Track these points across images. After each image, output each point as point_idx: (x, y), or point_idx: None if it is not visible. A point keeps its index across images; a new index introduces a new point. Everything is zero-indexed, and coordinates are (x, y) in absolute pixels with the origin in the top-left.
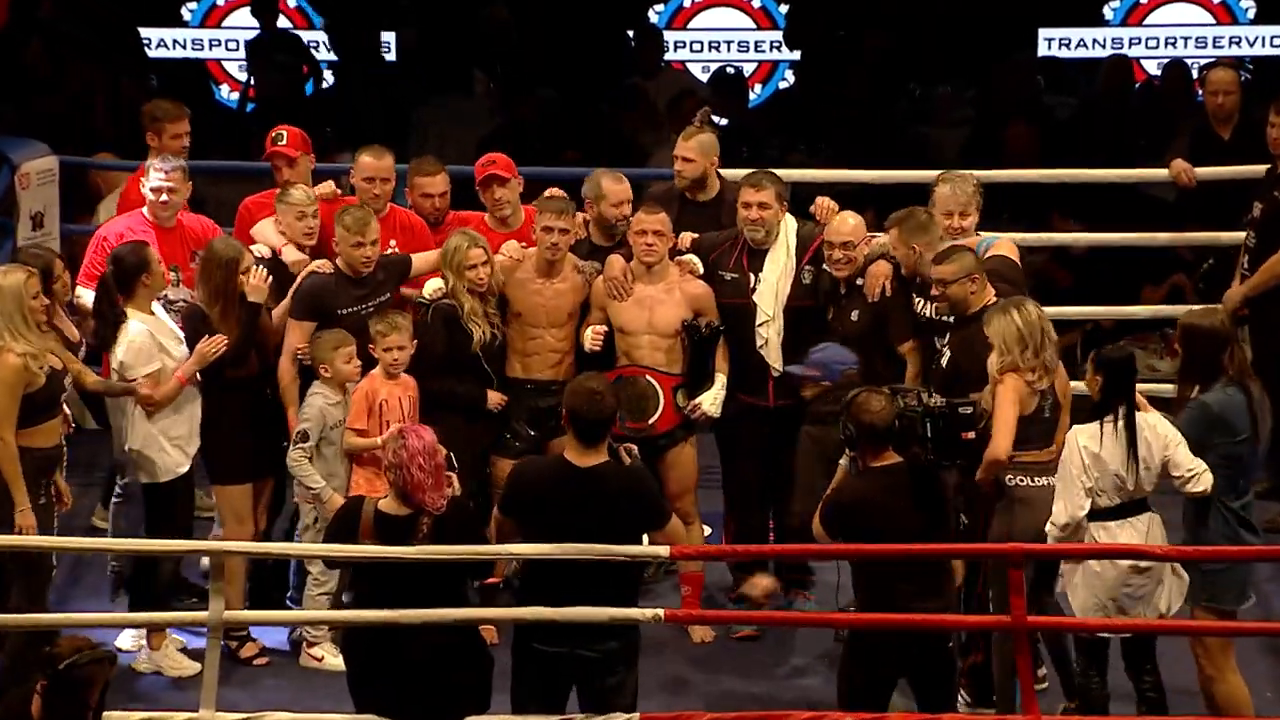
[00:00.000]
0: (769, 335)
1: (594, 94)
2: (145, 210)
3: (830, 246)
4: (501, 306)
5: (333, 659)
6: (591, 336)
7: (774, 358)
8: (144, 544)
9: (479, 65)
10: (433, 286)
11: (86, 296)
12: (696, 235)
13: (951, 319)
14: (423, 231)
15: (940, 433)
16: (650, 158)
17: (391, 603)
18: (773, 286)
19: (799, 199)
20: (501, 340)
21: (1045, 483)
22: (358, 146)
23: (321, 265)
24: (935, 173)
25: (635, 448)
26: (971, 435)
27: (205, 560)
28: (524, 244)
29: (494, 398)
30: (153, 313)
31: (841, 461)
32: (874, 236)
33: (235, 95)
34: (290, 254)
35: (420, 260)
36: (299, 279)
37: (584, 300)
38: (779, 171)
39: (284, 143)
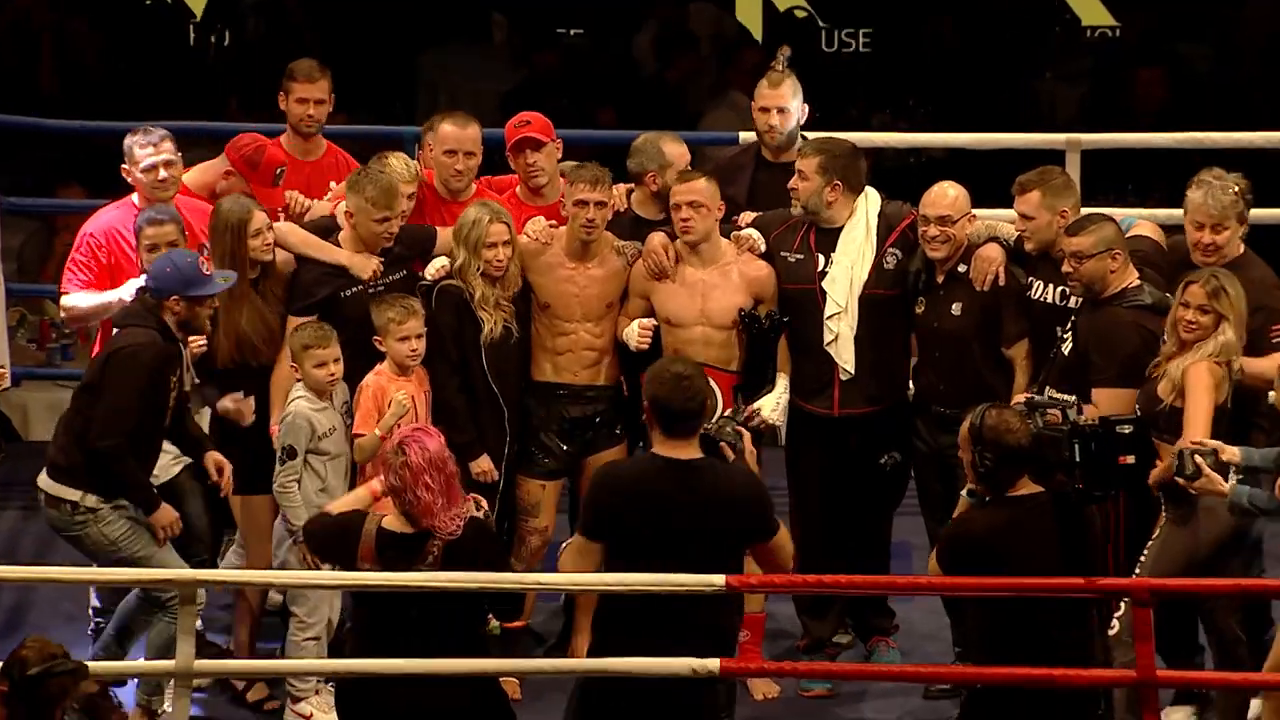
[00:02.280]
0: (840, 329)
1: (630, 38)
2: (136, 198)
3: (925, 222)
4: (523, 296)
5: (324, 716)
6: (639, 332)
7: (845, 357)
8: (97, 574)
9: (496, 7)
10: (437, 265)
11: (79, 301)
12: (758, 214)
13: (1077, 303)
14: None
15: (1093, 457)
16: (703, 118)
17: (395, 640)
18: (847, 271)
19: (883, 171)
20: (517, 338)
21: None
22: (353, 103)
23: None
24: (1049, 136)
25: (745, 433)
26: (1131, 459)
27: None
28: (553, 221)
29: (481, 465)
30: None
31: (963, 492)
32: (974, 215)
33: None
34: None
35: (449, 236)
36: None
37: (625, 286)
38: (858, 136)
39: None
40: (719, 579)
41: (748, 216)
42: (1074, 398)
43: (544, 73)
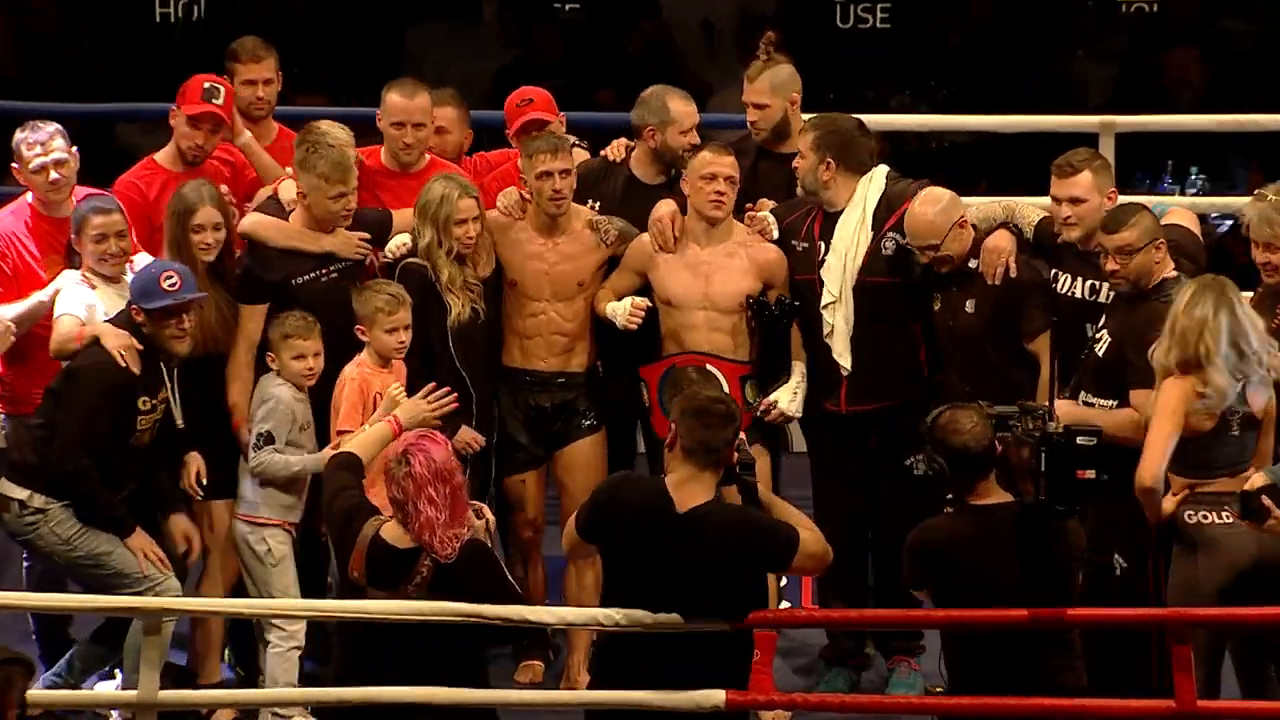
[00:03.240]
0: (835, 322)
1: (629, 16)
2: (30, 198)
3: (913, 248)
4: (494, 277)
5: None
6: (631, 311)
7: (840, 349)
8: (53, 599)
9: None
10: (398, 241)
11: (5, 311)
12: (776, 204)
13: (1109, 298)
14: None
15: (1055, 469)
16: (712, 98)
17: (381, 665)
18: (840, 258)
19: (903, 156)
20: (484, 319)
21: (1234, 519)
22: (326, 85)
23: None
24: (1082, 118)
25: (743, 437)
26: (1091, 475)
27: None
28: (526, 193)
29: (463, 436)
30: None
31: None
32: (966, 221)
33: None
34: (289, 191)
35: (406, 217)
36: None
37: (600, 265)
38: (875, 119)
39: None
40: (724, 622)
41: (767, 204)
42: (1046, 404)
43: (539, 50)
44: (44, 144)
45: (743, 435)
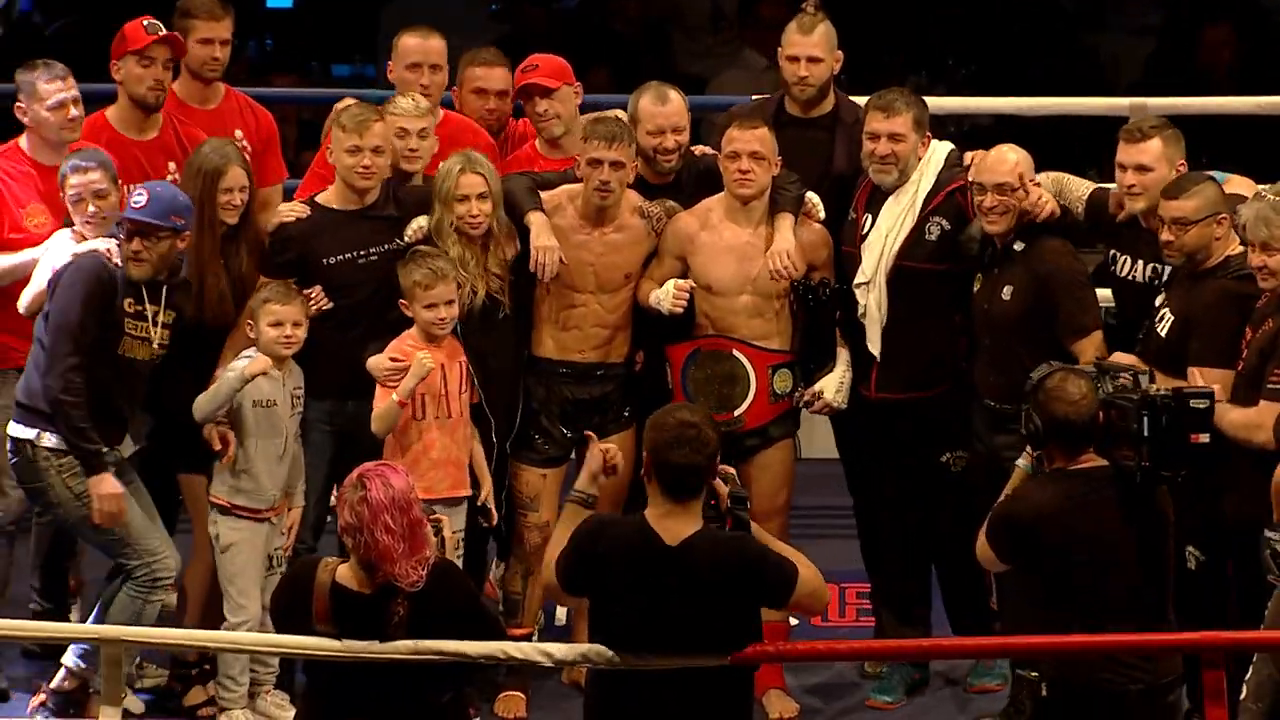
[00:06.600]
0: (867, 303)
1: None
2: (24, 142)
3: (981, 191)
4: (520, 266)
5: None
6: (675, 293)
7: (872, 336)
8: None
9: None
10: (416, 224)
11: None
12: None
13: (1164, 278)
14: (489, 145)
15: (1163, 432)
16: (711, 80)
17: (355, 708)
18: (881, 239)
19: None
20: (507, 311)
21: None
22: (303, 63)
23: (294, 210)
24: (1112, 101)
25: (731, 470)
26: (1205, 438)
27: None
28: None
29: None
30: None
31: (1020, 462)
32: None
33: None
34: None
35: None
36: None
37: (648, 254)
38: None
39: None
40: (721, 657)
41: None
42: (1146, 366)
43: (528, 28)
44: (63, 80)
45: (731, 469)
